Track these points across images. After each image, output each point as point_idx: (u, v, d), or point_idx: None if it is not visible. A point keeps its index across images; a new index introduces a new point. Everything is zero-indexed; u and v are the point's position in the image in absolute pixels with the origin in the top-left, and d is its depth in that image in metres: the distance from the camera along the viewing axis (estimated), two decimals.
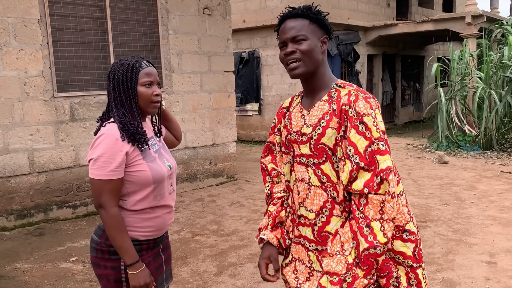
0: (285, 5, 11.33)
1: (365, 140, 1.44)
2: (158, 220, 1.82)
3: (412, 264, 1.56)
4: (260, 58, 11.35)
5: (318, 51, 1.57)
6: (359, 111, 1.46)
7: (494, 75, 9.66)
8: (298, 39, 1.56)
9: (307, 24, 1.57)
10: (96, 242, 1.78)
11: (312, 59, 1.57)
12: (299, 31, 1.56)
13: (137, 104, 1.77)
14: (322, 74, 1.62)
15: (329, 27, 1.62)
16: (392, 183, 1.43)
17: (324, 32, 1.61)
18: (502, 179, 6.86)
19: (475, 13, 10.34)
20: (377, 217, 1.42)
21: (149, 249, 1.83)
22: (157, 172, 1.77)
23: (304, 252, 1.67)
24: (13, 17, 4.92)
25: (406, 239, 1.54)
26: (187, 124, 6.54)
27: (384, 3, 13.45)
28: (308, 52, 1.55)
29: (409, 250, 1.54)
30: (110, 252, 1.75)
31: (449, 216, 5.14)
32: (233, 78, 7.26)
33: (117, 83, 1.76)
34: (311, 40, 1.56)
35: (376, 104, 1.54)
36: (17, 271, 3.91)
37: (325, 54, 1.62)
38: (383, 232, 1.42)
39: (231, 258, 4.08)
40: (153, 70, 1.81)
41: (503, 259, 3.90)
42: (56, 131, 5.30)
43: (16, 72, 4.98)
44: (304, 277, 1.67)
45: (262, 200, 6.04)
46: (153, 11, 6.12)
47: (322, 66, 1.61)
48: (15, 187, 5.04)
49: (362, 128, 1.45)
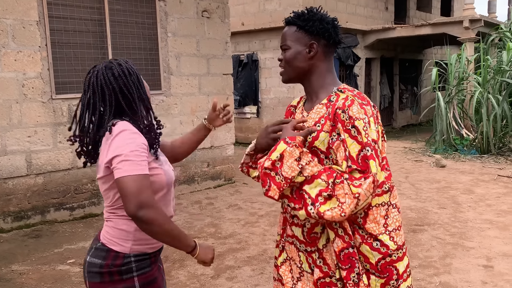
0: (283, 8, 11.42)
1: (357, 144, 1.45)
2: None
3: (369, 269, 1.53)
4: (258, 61, 11.36)
5: (301, 58, 1.60)
6: (351, 115, 1.46)
7: (491, 79, 9.70)
8: (283, 48, 1.63)
9: (293, 32, 1.61)
10: (100, 265, 1.58)
11: (293, 67, 1.61)
12: (285, 40, 1.62)
13: (148, 98, 1.68)
14: (316, 79, 1.63)
15: (321, 31, 1.58)
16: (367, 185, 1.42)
17: (314, 37, 1.59)
18: (499, 183, 6.88)
19: (473, 17, 10.38)
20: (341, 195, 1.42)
21: (155, 261, 1.71)
22: (169, 176, 1.67)
23: (295, 252, 1.70)
24: (12, 19, 4.92)
25: (375, 248, 1.51)
26: (185, 126, 6.54)
27: (382, 7, 13.50)
28: (288, 61, 1.61)
29: (373, 258, 1.51)
30: (121, 272, 1.57)
31: (446, 219, 5.15)
32: (231, 80, 7.27)
33: (127, 84, 1.63)
34: (293, 49, 1.60)
35: (374, 112, 1.53)
36: (13, 273, 3.89)
37: (319, 59, 1.61)
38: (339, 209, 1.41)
39: (228, 261, 4.07)
40: None
41: (500, 263, 3.91)
42: (54, 133, 5.30)
43: (14, 73, 4.98)
44: (296, 277, 1.70)
45: (260, 203, 6.04)
46: (152, 13, 6.13)
47: (315, 72, 1.62)
48: (12, 189, 5.03)
49: (354, 132, 1.45)
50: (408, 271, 1.59)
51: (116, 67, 1.62)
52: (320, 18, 1.60)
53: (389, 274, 1.53)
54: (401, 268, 1.54)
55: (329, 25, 1.60)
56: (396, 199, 1.58)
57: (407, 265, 1.59)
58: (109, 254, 1.59)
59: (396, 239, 1.53)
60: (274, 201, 6.06)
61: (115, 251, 1.59)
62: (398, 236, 1.54)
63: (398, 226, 1.55)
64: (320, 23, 1.58)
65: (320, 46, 1.60)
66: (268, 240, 4.60)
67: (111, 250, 1.59)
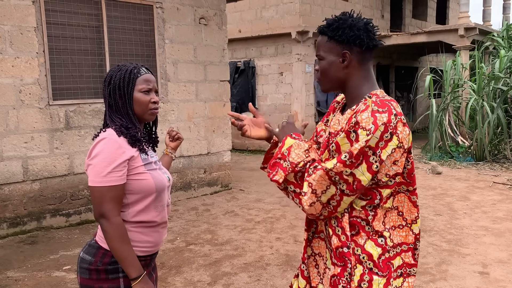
0: (280, 15, 11.50)
1: (350, 147, 1.45)
2: (156, 235, 1.75)
3: (372, 268, 1.53)
4: (255, 67, 11.40)
5: (335, 69, 1.58)
6: (359, 121, 1.43)
7: (486, 86, 9.78)
8: (318, 58, 1.62)
9: (325, 42, 1.58)
10: (89, 262, 1.65)
11: (328, 77, 1.61)
12: (319, 50, 1.61)
13: (133, 111, 1.70)
14: (353, 87, 1.59)
15: (352, 39, 1.53)
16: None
17: (345, 45, 1.55)
18: (495, 190, 6.91)
19: (468, 25, 10.48)
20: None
21: (146, 266, 1.75)
22: (159, 181, 1.71)
23: (324, 248, 1.70)
24: (10, 25, 4.93)
25: (379, 244, 1.54)
26: (182, 132, 6.55)
27: (378, 14, 13.61)
28: (323, 72, 1.61)
29: (377, 254, 1.53)
30: (107, 271, 1.63)
31: (442, 226, 5.17)
32: (228, 87, 7.30)
33: (113, 88, 1.69)
34: (327, 59, 1.58)
35: (390, 120, 1.43)
36: (9, 279, 3.87)
37: (354, 67, 1.57)
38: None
39: (225, 268, 4.07)
40: (151, 77, 1.76)
41: (495, 269, 3.93)
42: (50, 139, 5.29)
43: (12, 79, 4.98)
44: (321, 272, 1.70)
45: (257, 209, 6.05)
46: (150, 20, 6.16)
47: (351, 80, 1.59)
48: (8, 195, 5.01)
49: (352, 136, 1.44)
50: (400, 272, 1.59)
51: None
52: (351, 24, 1.53)
53: (389, 272, 1.55)
54: (396, 264, 1.57)
55: (361, 31, 1.53)
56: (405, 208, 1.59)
57: (400, 265, 1.59)
58: (99, 252, 1.65)
59: (391, 236, 1.55)
60: (270, 208, 6.06)
61: (104, 249, 1.65)
62: (394, 234, 1.56)
63: (393, 226, 1.57)
64: (351, 30, 1.52)
65: (354, 54, 1.55)
66: (265, 246, 4.60)
67: (100, 247, 1.65)
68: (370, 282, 1.53)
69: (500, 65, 9.83)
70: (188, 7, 6.57)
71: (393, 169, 1.48)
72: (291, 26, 10.48)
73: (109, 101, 1.71)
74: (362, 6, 12.70)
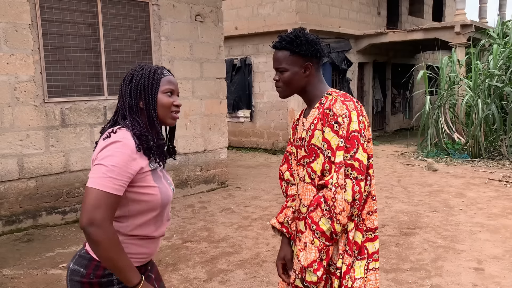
0: (277, 13, 11.45)
1: (338, 138, 1.65)
2: (152, 246, 1.66)
3: (356, 255, 1.73)
4: (252, 65, 11.39)
5: (299, 78, 1.79)
6: (335, 112, 1.67)
7: (482, 83, 9.81)
8: (279, 70, 1.79)
9: (287, 56, 1.77)
10: (81, 274, 1.52)
11: (292, 86, 1.80)
12: (280, 63, 1.78)
13: (156, 113, 1.59)
14: (311, 90, 1.83)
15: (313, 52, 1.76)
16: (341, 176, 1.62)
17: (307, 58, 1.77)
18: (490, 187, 6.94)
19: (464, 22, 10.50)
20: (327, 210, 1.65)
21: (142, 274, 1.63)
22: (165, 196, 1.61)
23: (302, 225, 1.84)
24: (4, 22, 4.90)
25: (363, 230, 1.74)
26: (178, 130, 6.54)
27: (375, 12, 13.60)
28: (287, 82, 1.79)
29: (361, 239, 1.73)
30: (101, 284, 1.52)
31: (438, 223, 5.19)
32: (225, 84, 7.29)
33: (135, 87, 1.58)
34: (291, 71, 1.77)
35: (356, 106, 1.71)
36: (4, 277, 3.86)
37: (312, 74, 1.80)
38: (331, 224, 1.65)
39: (221, 265, 4.07)
40: (174, 79, 1.66)
41: (490, 265, 3.95)
42: (46, 136, 5.28)
43: (7, 77, 4.96)
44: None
45: (253, 206, 6.05)
46: (145, 17, 6.14)
47: (310, 85, 1.82)
48: (3, 193, 4.99)
49: (336, 127, 1.66)
50: (377, 256, 1.78)
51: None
52: (308, 40, 1.76)
53: (366, 255, 1.74)
54: (370, 249, 1.75)
55: (318, 45, 1.79)
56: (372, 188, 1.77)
57: (377, 251, 1.78)
58: (91, 263, 1.53)
59: (366, 221, 1.74)
60: (267, 205, 6.07)
61: (96, 260, 1.52)
62: (369, 219, 1.75)
63: (370, 211, 1.76)
64: (311, 45, 1.76)
65: (313, 64, 1.80)
66: (261, 243, 4.61)
67: (93, 259, 1.53)
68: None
69: (494, 61, 9.85)
70: (184, 4, 6.55)
71: (368, 147, 1.72)
72: (288, 23, 10.47)
73: (129, 102, 1.59)
74: (359, 3, 12.69)
